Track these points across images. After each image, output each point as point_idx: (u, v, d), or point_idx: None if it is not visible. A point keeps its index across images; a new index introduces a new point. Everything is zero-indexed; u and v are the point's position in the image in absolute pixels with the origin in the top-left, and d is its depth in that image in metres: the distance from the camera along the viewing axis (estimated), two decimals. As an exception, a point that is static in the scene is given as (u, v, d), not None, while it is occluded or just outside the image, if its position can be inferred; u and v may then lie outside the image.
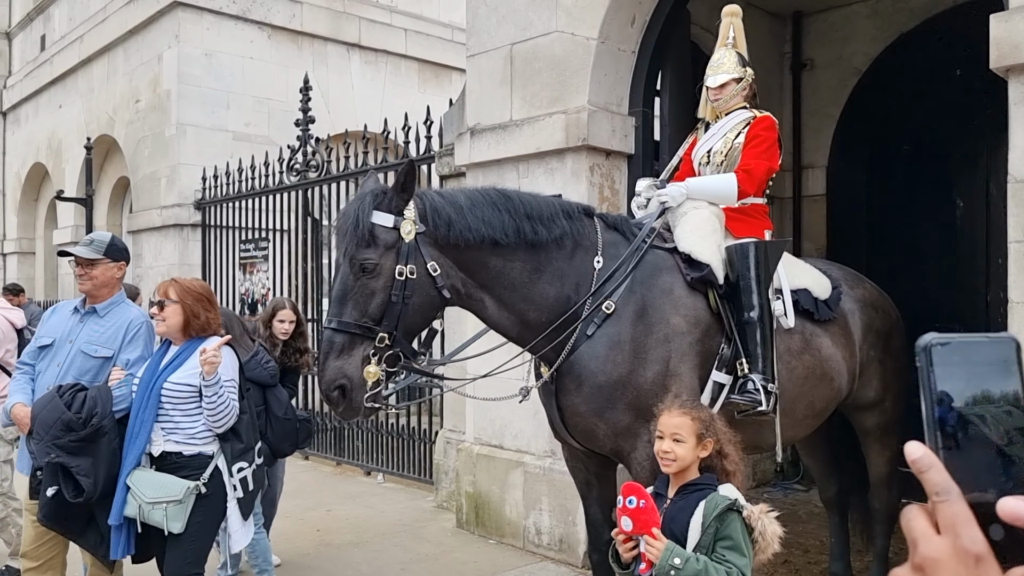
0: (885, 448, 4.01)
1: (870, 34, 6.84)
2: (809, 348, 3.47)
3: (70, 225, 13.19)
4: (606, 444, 3.06)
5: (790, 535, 5.44)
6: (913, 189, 6.58)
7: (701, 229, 3.27)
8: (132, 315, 3.66)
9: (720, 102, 3.70)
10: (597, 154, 5.00)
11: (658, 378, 2.97)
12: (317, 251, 8.51)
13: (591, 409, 2.99)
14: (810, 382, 3.45)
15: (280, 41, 11.13)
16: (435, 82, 12.62)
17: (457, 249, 2.86)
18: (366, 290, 2.73)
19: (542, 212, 2.99)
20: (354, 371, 2.72)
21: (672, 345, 3.02)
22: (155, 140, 10.71)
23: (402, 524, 5.86)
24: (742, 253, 3.20)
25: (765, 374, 3.11)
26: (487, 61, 5.56)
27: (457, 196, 2.94)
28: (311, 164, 8.33)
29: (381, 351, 2.75)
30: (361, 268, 2.72)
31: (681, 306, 3.10)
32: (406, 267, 2.76)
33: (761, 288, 3.16)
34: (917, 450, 0.68)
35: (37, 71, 14.41)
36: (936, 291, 6.06)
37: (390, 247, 2.75)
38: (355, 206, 2.80)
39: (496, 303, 2.99)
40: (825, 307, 3.55)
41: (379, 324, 2.74)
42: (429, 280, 2.81)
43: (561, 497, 4.96)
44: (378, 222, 2.75)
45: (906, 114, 6.57)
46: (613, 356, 2.97)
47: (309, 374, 8.31)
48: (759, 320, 3.13)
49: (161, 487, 3.14)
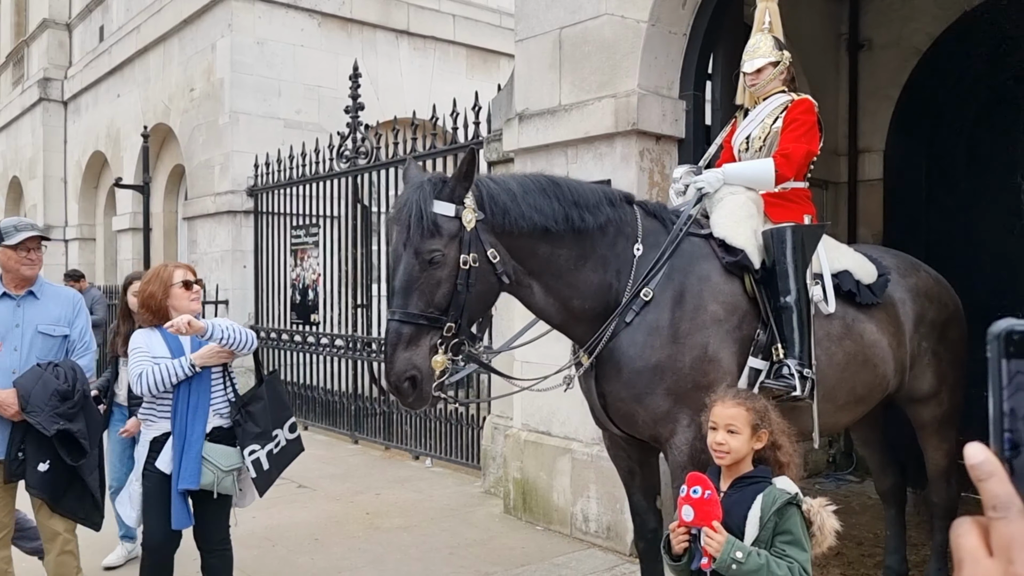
0: (943, 441, 3.90)
1: (931, 13, 6.61)
2: (850, 333, 3.41)
3: (128, 212, 13.50)
4: (645, 430, 3.08)
5: (843, 527, 5.37)
6: (974, 173, 6.37)
7: (736, 214, 3.25)
8: (67, 291, 3.94)
9: (757, 87, 3.65)
10: (647, 139, 4.93)
11: (697, 363, 2.98)
12: (366, 237, 8.57)
13: (631, 395, 3.00)
14: (851, 368, 3.40)
15: (330, 28, 11.21)
16: (483, 68, 12.59)
17: (510, 236, 2.86)
18: (432, 280, 2.73)
19: (588, 199, 3.00)
20: (423, 361, 2.71)
21: (710, 331, 3.02)
22: (209, 128, 10.89)
23: (450, 509, 5.90)
24: (778, 238, 3.17)
25: (801, 359, 3.08)
26: (536, 45, 5.51)
27: (509, 183, 2.95)
28: (360, 151, 8.39)
29: (448, 340, 2.75)
30: (428, 259, 2.71)
31: (718, 292, 3.10)
32: (469, 255, 2.76)
33: (797, 273, 3.13)
34: (978, 454, 0.58)
35: (96, 61, 14.75)
36: (997, 278, 5.86)
37: (453, 236, 2.75)
38: (415, 196, 2.75)
39: (543, 289, 3.00)
40: (868, 291, 3.46)
41: (445, 313, 2.75)
42: (489, 267, 2.82)
43: (609, 484, 4.93)
44: (440, 211, 2.73)
45: (968, 95, 6.36)
46: (651, 342, 2.98)
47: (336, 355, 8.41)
48: (795, 305, 3.10)
49: (228, 456, 3.43)
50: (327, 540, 5.19)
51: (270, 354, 9.88)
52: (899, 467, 4.23)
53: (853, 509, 5.90)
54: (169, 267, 3.58)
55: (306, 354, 9.24)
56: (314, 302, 9.23)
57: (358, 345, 8.50)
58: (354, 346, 8.54)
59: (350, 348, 8.59)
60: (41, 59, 16.81)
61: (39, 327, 3.63)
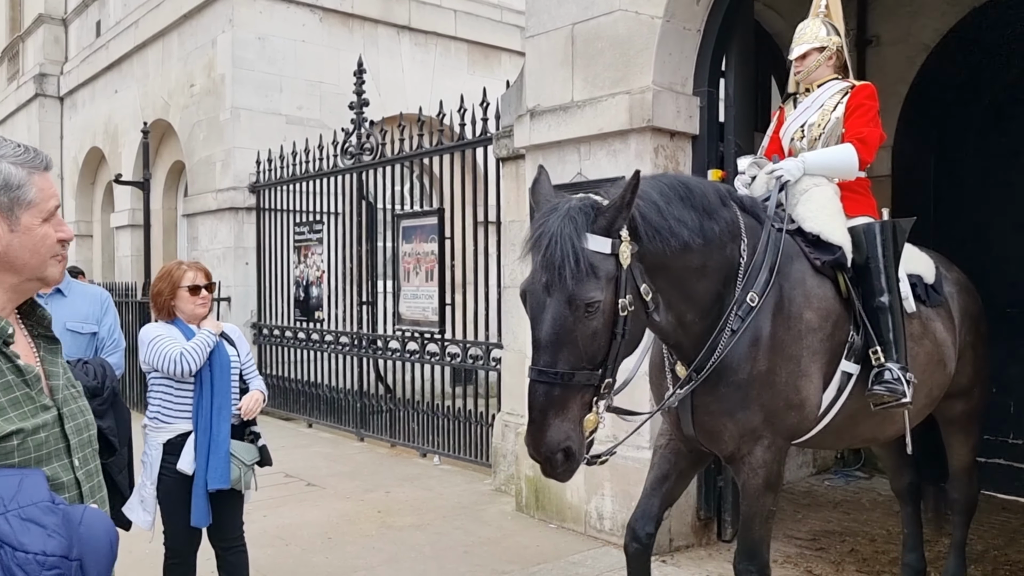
0: (969, 437, 3.89)
1: (940, 8, 6.60)
2: (927, 333, 3.34)
3: (127, 208, 13.42)
4: (728, 445, 2.89)
5: (855, 524, 5.40)
6: (983, 169, 6.37)
7: (828, 208, 3.13)
8: (94, 289, 3.96)
9: (802, 73, 3.58)
10: (662, 135, 4.91)
11: (791, 378, 2.84)
12: (371, 234, 8.54)
13: (724, 408, 2.82)
14: (929, 369, 3.32)
15: (331, 24, 11.15)
16: (484, 64, 12.55)
17: (654, 256, 2.52)
18: (587, 331, 2.35)
19: (711, 204, 2.73)
20: (577, 431, 2.38)
21: (805, 342, 2.87)
22: (210, 124, 10.83)
23: (461, 507, 5.88)
24: (871, 234, 3.08)
25: (901, 362, 2.96)
26: (547, 41, 5.49)
27: (651, 194, 2.57)
28: (365, 147, 8.35)
29: (602, 396, 2.43)
30: (584, 309, 2.33)
31: (813, 298, 2.94)
32: (626, 299, 2.40)
33: (890, 271, 3.03)
34: None
35: (93, 56, 14.64)
36: (1008, 275, 5.86)
37: (610, 278, 2.38)
38: (566, 229, 2.34)
39: (665, 306, 2.69)
40: (934, 292, 3.43)
41: (599, 367, 2.40)
42: (642, 305, 2.49)
43: (624, 483, 4.93)
44: (595, 248, 2.35)
45: (978, 92, 6.35)
46: (753, 353, 2.80)
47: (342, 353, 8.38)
48: (890, 305, 2.99)
49: (249, 451, 3.49)
50: (340, 539, 5.17)
51: (273, 351, 9.85)
52: (915, 465, 4.23)
53: (864, 506, 5.91)
54: (183, 267, 3.54)
55: (310, 351, 9.21)
56: (318, 299, 9.20)
57: (363, 342, 8.48)
58: (359, 343, 8.52)
59: (355, 345, 8.57)
60: (37, 54, 16.67)
61: (67, 325, 3.60)
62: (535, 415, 2.39)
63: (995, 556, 4.78)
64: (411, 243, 7.72)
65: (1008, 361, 5.56)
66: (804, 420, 2.97)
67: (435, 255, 7.40)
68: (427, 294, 7.53)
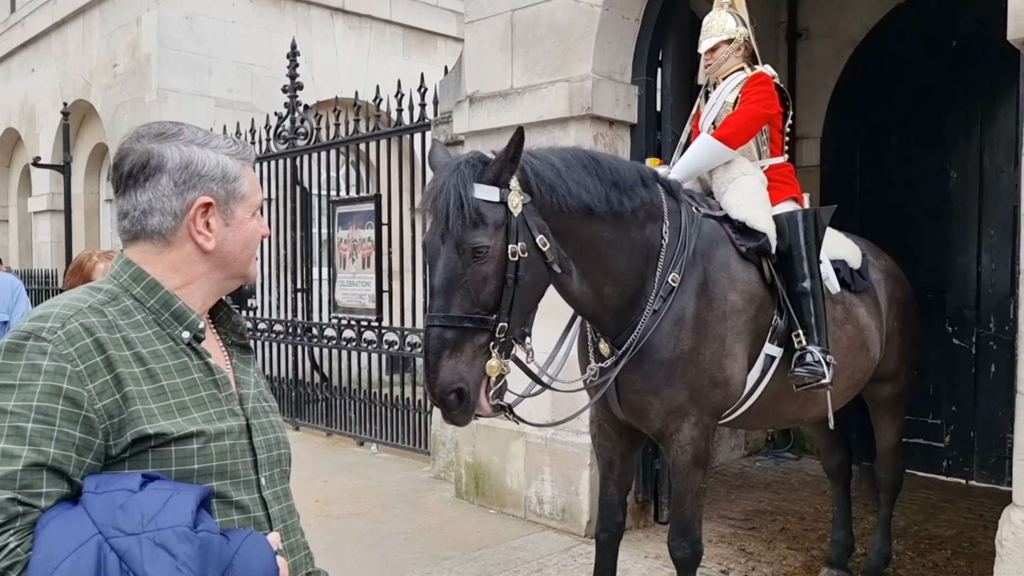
0: (895, 419, 4.05)
1: (867, 4, 6.81)
2: (850, 318, 3.46)
3: (46, 192, 12.90)
4: (655, 423, 2.99)
5: (785, 503, 5.57)
6: (907, 160, 6.61)
7: (754, 196, 3.22)
8: (6, 277, 3.92)
9: (712, 66, 3.61)
10: (601, 123, 4.95)
11: (715, 357, 2.94)
12: (306, 221, 8.40)
13: (649, 386, 2.93)
14: (852, 352, 3.44)
15: (262, 5, 10.89)
16: (420, 48, 12.43)
17: (556, 216, 2.63)
18: (477, 276, 2.45)
19: (625, 179, 2.82)
20: (470, 371, 2.47)
21: (729, 323, 2.97)
22: (135, 106, 10.47)
23: (400, 494, 5.86)
24: (794, 222, 3.17)
25: (822, 345, 3.06)
26: (487, 28, 5.46)
27: (550, 157, 2.71)
28: (299, 132, 8.19)
29: (500, 342, 2.50)
30: (472, 253, 2.43)
31: (738, 281, 3.05)
32: (517, 245, 2.49)
33: (813, 257, 3.13)
34: None
35: (8, 33, 13.99)
36: (929, 262, 6.10)
37: (499, 225, 2.47)
38: (452, 180, 2.45)
39: (579, 275, 2.80)
40: (860, 277, 3.55)
41: (494, 312, 2.48)
42: (539, 255, 2.58)
43: (563, 467, 4.98)
44: (483, 196, 2.45)
45: (901, 85, 6.57)
46: (676, 332, 2.90)
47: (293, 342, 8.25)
48: (812, 290, 3.09)
49: None
50: (278, 529, 5.09)
51: (203, 340, 9.60)
52: (846, 445, 4.38)
53: (793, 486, 6.10)
54: (94, 258, 3.29)
55: (242, 340, 9.00)
56: (251, 287, 8.99)
57: (298, 330, 8.34)
58: (294, 331, 8.38)
59: (290, 333, 8.42)
60: (-55, 30, 15.86)
61: None
62: (429, 357, 2.48)
63: (916, 531, 5.00)
64: (347, 230, 7.62)
65: (927, 345, 5.79)
66: (728, 398, 3.07)
67: (372, 242, 7.32)
68: (364, 281, 7.44)
